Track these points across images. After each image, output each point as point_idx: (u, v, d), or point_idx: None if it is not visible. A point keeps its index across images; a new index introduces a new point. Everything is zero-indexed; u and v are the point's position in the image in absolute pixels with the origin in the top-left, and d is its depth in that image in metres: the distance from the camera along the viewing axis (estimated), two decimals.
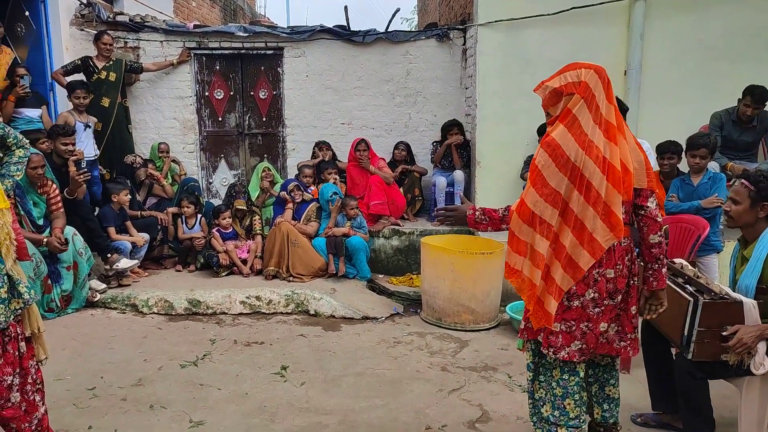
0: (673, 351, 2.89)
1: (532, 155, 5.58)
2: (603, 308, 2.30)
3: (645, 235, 2.31)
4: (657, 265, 2.33)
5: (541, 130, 5.37)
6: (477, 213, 2.59)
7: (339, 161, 6.37)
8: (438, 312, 4.66)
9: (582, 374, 2.39)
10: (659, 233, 2.29)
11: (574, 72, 2.27)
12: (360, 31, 6.65)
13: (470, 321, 4.57)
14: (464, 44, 6.47)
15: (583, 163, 2.20)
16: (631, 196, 2.27)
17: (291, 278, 5.23)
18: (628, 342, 2.40)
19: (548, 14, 5.52)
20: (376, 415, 3.19)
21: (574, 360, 2.32)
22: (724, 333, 2.47)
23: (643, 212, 2.30)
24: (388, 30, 6.67)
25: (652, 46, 5.52)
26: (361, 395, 3.42)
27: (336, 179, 5.94)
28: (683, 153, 4.41)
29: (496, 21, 5.61)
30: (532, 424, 2.54)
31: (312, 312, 4.84)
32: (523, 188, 5.54)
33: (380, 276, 5.78)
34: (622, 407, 3.22)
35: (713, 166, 4.59)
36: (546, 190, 2.26)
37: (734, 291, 2.66)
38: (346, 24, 6.71)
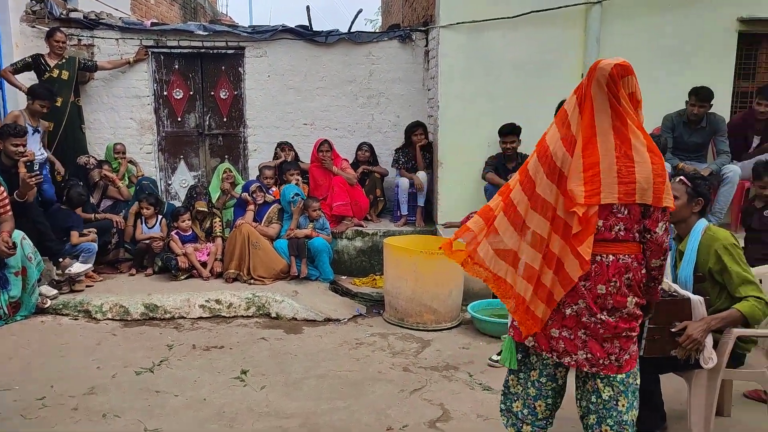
0: None
1: (494, 155, 5.69)
2: (600, 323, 2.13)
3: (647, 258, 2.17)
4: (653, 284, 2.24)
5: (503, 131, 5.44)
6: None
7: (301, 162, 6.32)
8: (400, 312, 4.66)
9: (561, 382, 2.33)
10: (662, 258, 2.17)
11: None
12: (323, 31, 6.61)
13: (432, 321, 4.59)
14: (427, 46, 6.50)
15: (562, 162, 2.10)
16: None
17: (252, 281, 5.15)
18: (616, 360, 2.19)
19: (509, 17, 5.59)
20: (338, 417, 3.16)
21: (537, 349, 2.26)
22: (673, 329, 2.53)
23: (649, 236, 2.12)
24: (351, 30, 6.66)
25: (609, 49, 5.63)
26: (322, 398, 3.39)
27: (298, 180, 5.89)
28: None
29: (458, 23, 5.66)
30: (500, 411, 2.49)
31: (273, 315, 4.77)
32: (485, 189, 5.61)
33: (343, 277, 5.76)
34: (568, 401, 3.29)
35: (665, 166, 4.72)
36: (535, 195, 2.16)
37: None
38: (308, 24, 6.67)
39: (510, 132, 5.38)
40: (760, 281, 2.99)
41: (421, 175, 6.02)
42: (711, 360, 2.55)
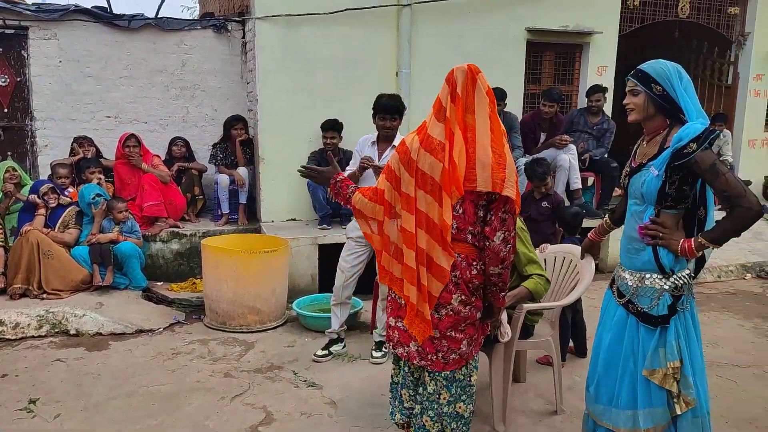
0: None
1: (315, 151, 5.68)
2: (474, 305, 2.25)
3: (486, 265, 2.21)
4: (493, 288, 2.27)
5: (324, 127, 5.44)
6: (337, 180, 2.52)
7: (104, 159, 5.68)
8: (222, 316, 4.43)
9: (417, 375, 2.40)
10: (500, 266, 2.19)
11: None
12: (125, 15, 6.01)
13: (256, 321, 4.44)
14: (244, 37, 6.26)
15: (419, 157, 2.18)
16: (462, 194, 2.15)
17: (45, 295, 4.49)
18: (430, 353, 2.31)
19: (325, 13, 5.62)
20: None
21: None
22: None
23: (487, 243, 2.17)
24: (159, 16, 6.15)
25: (420, 51, 5.98)
26: (130, 418, 3.07)
27: (101, 179, 5.28)
28: None
29: (273, 15, 5.53)
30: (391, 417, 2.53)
31: (73, 332, 4.22)
32: (308, 185, 5.56)
33: (159, 283, 5.31)
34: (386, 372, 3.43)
35: None
36: (400, 191, 2.24)
37: None
38: (107, 5, 6.01)
39: (331, 128, 5.42)
40: (545, 261, 3.40)
41: (242, 171, 5.79)
42: (507, 334, 2.81)
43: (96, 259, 4.68)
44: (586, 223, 4.90)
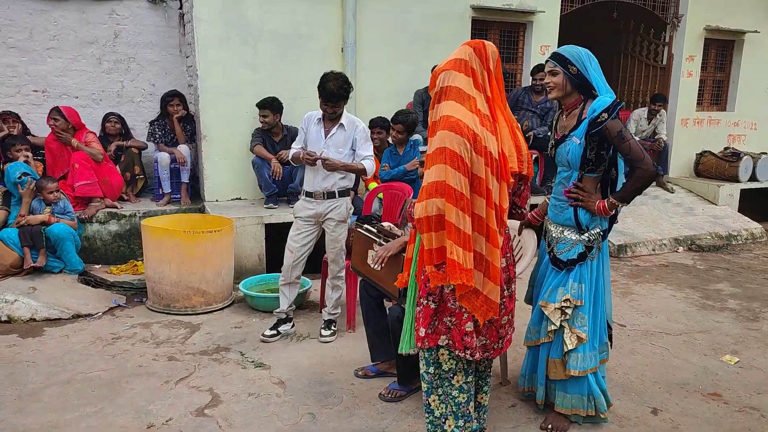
0: (387, 305, 3.17)
1: (260, 128, 5.53)
2: (504, 301, 2.37)
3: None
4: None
5: (260, 105, 5.28)
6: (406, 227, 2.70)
7: (33, 136, 5.35)
8: (166, 298, 4.30)
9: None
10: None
11: (458, 50, 2.30)
12: None
13: (202, 303, 4.33)
14: (181, 8, 5.99)
15: (486, 138, 2.21)
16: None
17: None
18: (510, 333, 2.51)
19: None
20: (86, 424, 2.78)
21: (476, 358, 2.30)
22: None
23: (516, 211, 2.60)
24: None
25: (365, 27, 5.89)
26: (68, 406, 2.94)
27: (28, 157, 4.96)
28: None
29: None
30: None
31: (4, 318, 4.00)
32: (253, 162, 5.44)
33: (97, 266, 5.09)
34: (349, 363, 3.44)
35: (417, 137, 5.14)
36: (468, 178, 2.18)
37: None
38: None
39: (265, 106, 5.25)
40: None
41: (183, 149, 5.58)
42: None
43: (26, 242, 4.42)
44: (530, 199, 5.02)
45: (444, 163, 2.14)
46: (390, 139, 4.95)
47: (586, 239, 2.66)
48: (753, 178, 7.69)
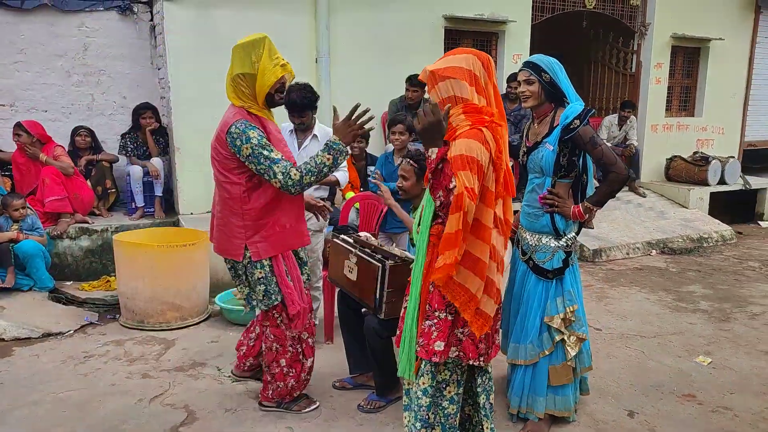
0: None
1: None
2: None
3: None
4: None
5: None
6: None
7: (1, 151, 5.23)
8: (139, 314, 4.21)
9: None
10: None
11: (461, 57, 2.23)
12: None
13: (177, 318, 4.25)
14: (152, 20, 5.93)
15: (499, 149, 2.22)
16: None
17: None
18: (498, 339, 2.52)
19: None
20: None
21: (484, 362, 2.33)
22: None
23: None
24: None
25: (339, 38, 5.90)
26: (36, 428, 2.86)
27: None
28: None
29: None
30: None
31: None
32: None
33: (68, 283, 4.97)
34: (328, 376, 3.41)
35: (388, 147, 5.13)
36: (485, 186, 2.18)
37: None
38: None
39: None
40: None
41: (156, 162, 5.50)
42: None
43: None
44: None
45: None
46: (391, 145, 4.46)
47: (565, 244, 2.72)
48: (722, 181, 7.88)
